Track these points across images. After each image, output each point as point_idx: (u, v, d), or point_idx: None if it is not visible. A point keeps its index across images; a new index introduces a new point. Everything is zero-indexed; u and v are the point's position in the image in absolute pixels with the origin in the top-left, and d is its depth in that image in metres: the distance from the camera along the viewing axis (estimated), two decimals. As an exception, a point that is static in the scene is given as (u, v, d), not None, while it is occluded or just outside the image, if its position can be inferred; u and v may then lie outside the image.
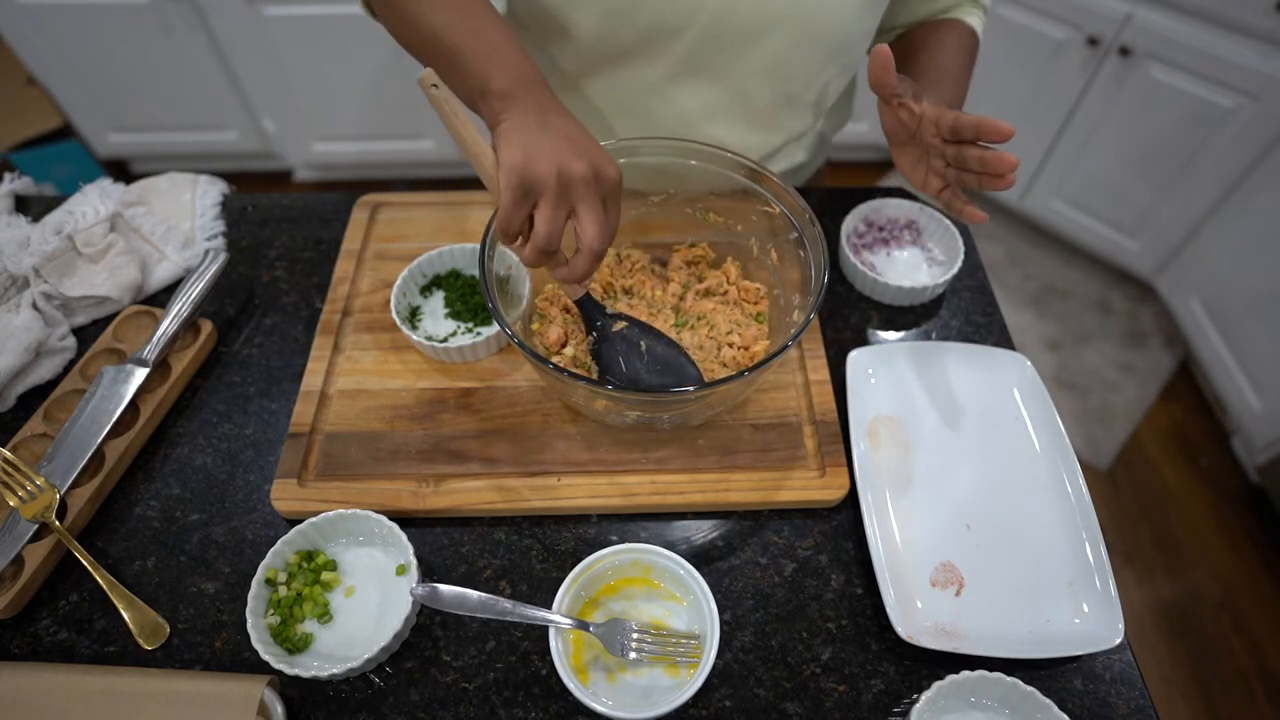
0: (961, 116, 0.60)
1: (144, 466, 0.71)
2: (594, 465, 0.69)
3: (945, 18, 0.83)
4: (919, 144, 0.66)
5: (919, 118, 0.64)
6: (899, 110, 0.65)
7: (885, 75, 0.62)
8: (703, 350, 0.71)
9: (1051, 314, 2.17)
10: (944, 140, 0.63)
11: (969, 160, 0.62)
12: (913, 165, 0.68)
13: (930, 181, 0.67)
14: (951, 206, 0.66)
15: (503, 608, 0.56)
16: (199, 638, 0.61)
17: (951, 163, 0.64)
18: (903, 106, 0.65)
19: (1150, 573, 1.71)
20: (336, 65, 2.04)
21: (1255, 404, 1.76)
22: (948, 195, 0.66)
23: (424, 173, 2.44)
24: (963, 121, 0.60)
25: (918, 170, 0.68)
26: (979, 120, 0.59)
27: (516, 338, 0.59)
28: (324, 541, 0.63)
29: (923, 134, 0.65)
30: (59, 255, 0.78)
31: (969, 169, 0.62)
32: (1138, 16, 1.73)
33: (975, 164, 0.61)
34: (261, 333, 0.81)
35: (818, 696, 0.58)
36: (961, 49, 0.79)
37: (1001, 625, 0.61)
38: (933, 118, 0.63)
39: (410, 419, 0.72)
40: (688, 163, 0.73)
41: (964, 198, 0.65)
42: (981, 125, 0.59)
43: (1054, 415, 0.71)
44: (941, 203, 0.67)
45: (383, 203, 0.90)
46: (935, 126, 0.63)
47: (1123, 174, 1.97)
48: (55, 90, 2.13)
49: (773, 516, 0.68)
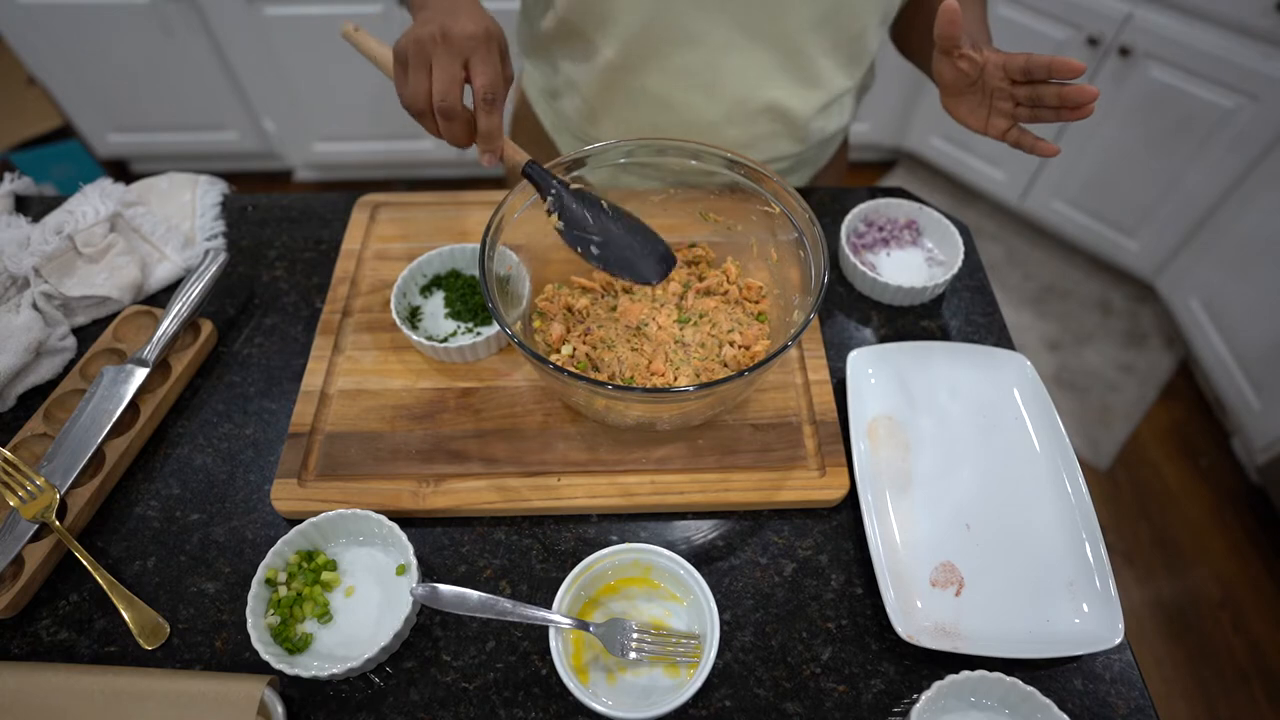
0: (1033, 57, 0.63)
1: (144, 466, 0.71)
2: (594, 465, 0.69)
3: None
4: (979, 91, 0.69)
5: (982, 64, 0.67)
6: (959, 61, 0.68)
7: (953, 29, 0.65)
8: (704, 349, 0.71)
9: (1051, 314, 2.17)
10: (1014, 82, 0.66)
11: (1046, 97, 0.65)
12: (971, 111, 0.71)
13: (994, 123, 0.70)
14: (1022, 143, 0.69)
15: (503, 608, 0.56)
16: (199, 638, 0.61)
17: (1024, 102, 0.67)
18: (963, 57, 0.68)
19: (1150, 573, 1.71)
20: (336, 65, 2.04)
21: (1255, 404, 1.76)
22: (1015, 134, 0.69)
23: (424, 173, 2.44)
24: (1035, 62, 0.63)
25: (977, 115, 0.71)
26: (1050, 60, 0.62)
27: (516, 338, 0.59)
28: (324, 541, 0.63)
29: (987, 80, 0.68)
30: (59, 255, 0.78)
31: (1046, 105, 0.65)
32: (1138, 16, 1.73)
33: (1053, 99, 0.64)
34: (261, 333, 0.81)
35: (818, 696, 0.58)
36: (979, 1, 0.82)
37: (1001, 625, 0.61)
38: (998, 62, 0.66)
39: (410, 419, 0.72)
40: (688, 162, 0.73)
41: (1033, 135, 0.69)
42: (1054, 64, 0.62)
43: (1054, 415, 0.71)
44: (1009, 141, 0.70)
45: (383, 203, 0.90)
46: (1003, 70, 0.66)
47: (1123, 174, 1.97)
48: (55, 90, 2.13)
49: (773, 516, 0.68)
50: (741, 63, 0.80)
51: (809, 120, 0.87)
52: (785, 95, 0.84)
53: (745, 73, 0.81)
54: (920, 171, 2.52)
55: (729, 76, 0.81)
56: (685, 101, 0.84)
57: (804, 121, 0.87)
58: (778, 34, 0.78)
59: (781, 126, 0.87)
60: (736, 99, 0.83)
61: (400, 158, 2.33)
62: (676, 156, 0.73)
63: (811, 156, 0.98)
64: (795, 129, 0.88)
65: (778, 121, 0.86)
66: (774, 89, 0.83)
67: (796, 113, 0.85)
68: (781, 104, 0.84)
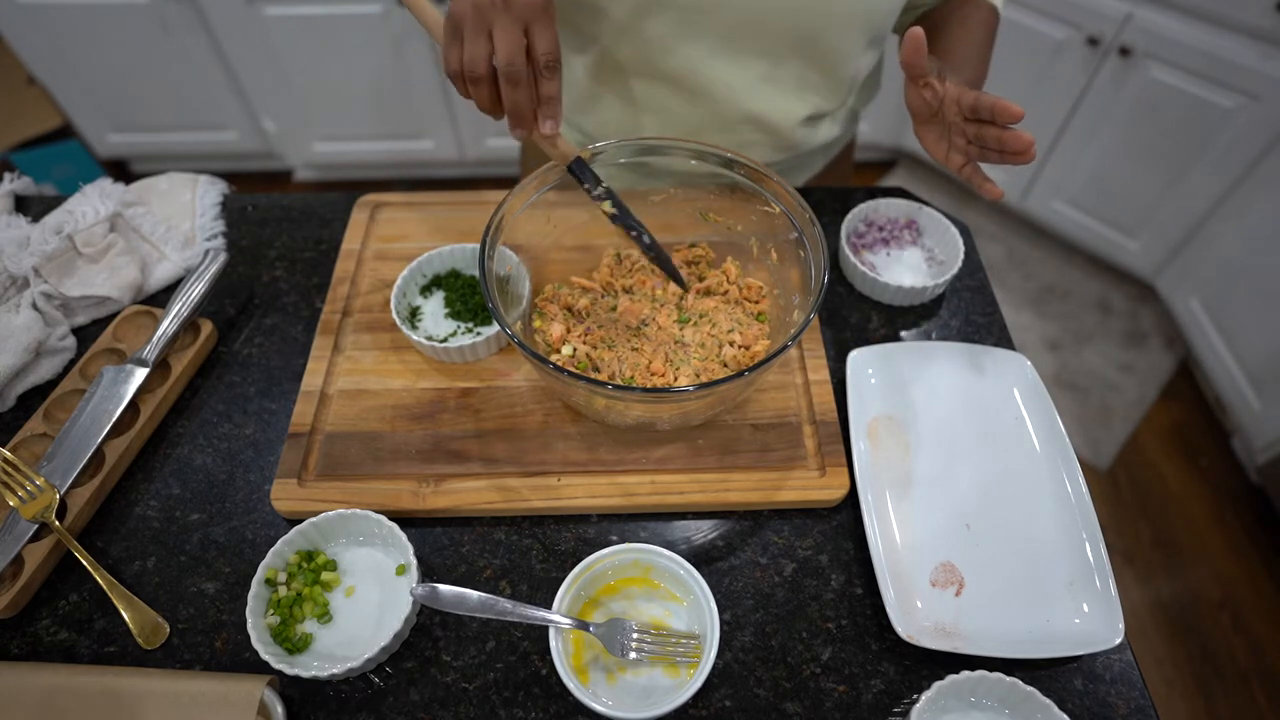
0: (981, 97, 0.64)
1: (144, 466, 0.71)
2: (594, 465, 0.69)
3: None
4: (941, 121, 0.70)
5: (942, 97, 0.68)
6: (924, 90, 0.68)
7: (917, 57, 0.65)
8: (704, 349, 0.71)
9: (1051, 314, 2.17)
10: (964, 119, 0.67)
11: (988, 138, 0.65)
12: (935, 141, 0.72)
13: (952, 157, 0.71)
14: (972, 181, 0.70)
15: (503, 608, 0.56)
16: (199, 638, 0.61)
17: (973, 140, 0.67)
18: (927, 86, 0.68)
19: (1150, 573, 1.71)
20: (336, 65, 2.04)
21: (1255, 404, 1.76)
22: (968, 171, 0.70)
23: (424, 173, 2.45)
24: (981, 102, 0.64)
25: (940, 146, 0.71)
26: (994, 101, 0.63)
27: (516, 338, 0.59)
28: (324, 541, 0.63)
29: (945, 112, 0.68)
30: (59, 255, 0.78)
31: (988, 146, 0.66)
32: (1138, 16, 1.73)
33: (993, 142, 0.65)
34: (261, 333, 0.81)
35: (818, 696, 0.58)
36: (984, 28, 0.82)
37: (1001, 625, 0.61)
38: (954, 96, 0.67)
39: (410, 419, 0.72)
40: (688, 162, 0.73)
41: (983, 174, 0.69)
42: (995, 106, 0.63)
43: (1054, 415, 0.71)
44: (962, 178, 0.70)
45: (383, 203, 0.90)
46: (957, 105, 0.66)
47: (1123, 174, 1.97)
48: (55, 90, 2.13)
49: (773, 516, 0.68)
50: (724, 74, 0.80)
51: (792, 131, 0.87)
52: (767, 108, 0.84)
53: (728, 84, 0.81)
54: (920, 171, 2.52)
55: (711, 86, 0.81)
56: (666, 105, 0.84)
57: (787, 132, 0.87)
58: (759, 50, 0.78)
59: (764, 136, 0.87)
60: (718, 107, 0.83)
61: (400, 158, 2.33)
62: (677, 156, 0.73)
63: (801, 163, 0.98)
64: (778, 138, 0.88)
65: (760, 131, 0.86)
66: (755, 101, 0.83)
67: (778, 124, 0.85)
68: (764, 115, 0.84)
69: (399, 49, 2.01)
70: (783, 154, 0.91)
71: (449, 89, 2.11)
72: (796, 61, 0.80)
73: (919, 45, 0.64)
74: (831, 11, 0.75)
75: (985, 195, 0.69)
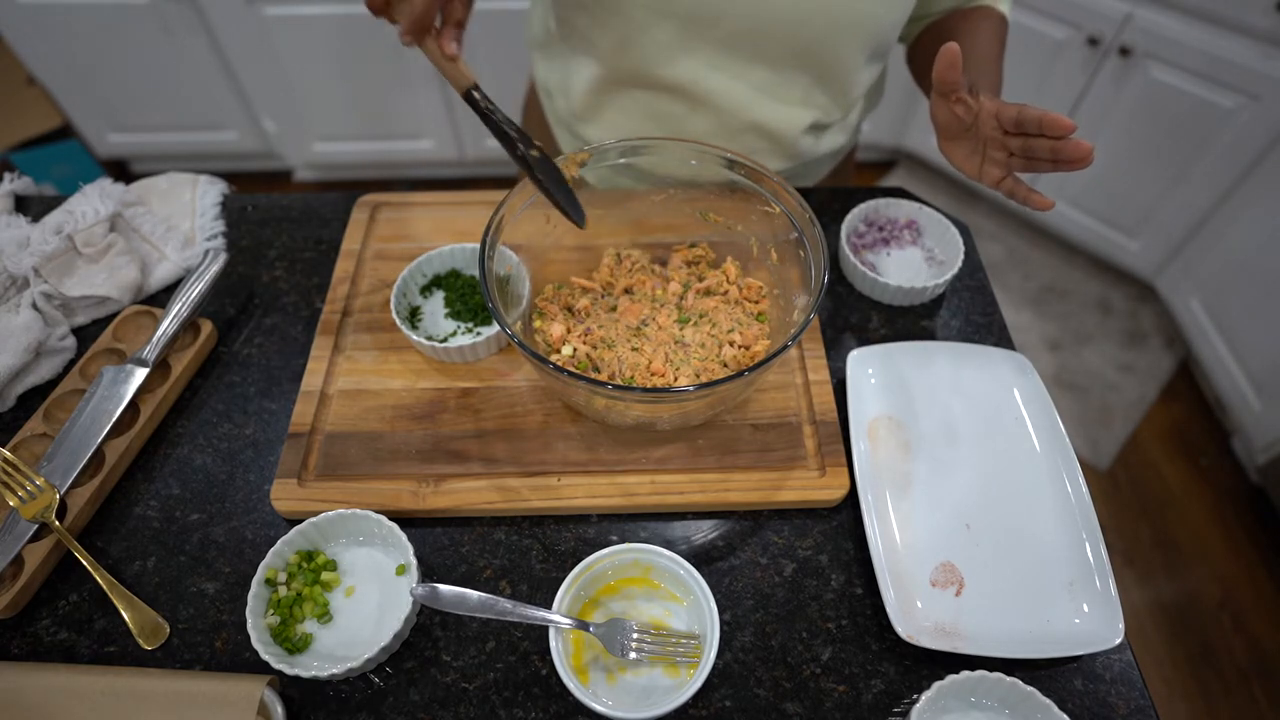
0: (1025, 110, 0.61)
1: (144, 466, 0.71)
2: (594, 465, 0.68)
3: (976, 4, 0.84)
4: (974, 137, 0.67)
5: (975, 113, 0.65)
6: (955, 105, 0.66)
7: (952, 73, 0.63)
8: (704, 349, 0.71)
9: (1051, 314, 2.17)
10: (1005, 133, 0.64)
11: (1039, 150, 0.62)
12: (966, 157, 0.69)
13: (989, 171, 0.68)
14: (1015, 194, 0.67)
15: (503, 608, 0.56)
16: (199, 638, 0.61)
17: (1018, 154, 0.65)
18: (960, 102, 0.66)
19: (1150, 573, 1.71)
20: (336, 65, 2.04)
21: (1255, 404, 1.76)
22: (1009, 184, 0.67)
23: (424, 173, 2.45)
24: (1026, 115, 0.61)
25: (972, 161, 0.69)
26: (1040, 114, 0.60)
27: (516, 338, 0.59)
28: (324, 541, 0.63)
29: (981, 127, 0.66)
30: (59, 255, 0.78)
31: (1040, 158, 0.63)
32: (1138, 16, 1.73)
33: (1047, 153, 0.62)
34: (261, 333, 0.81)
35: (818, 696, 0.58)
36: (995, 36, 0.80)
37: (1001, 625, 0.61)
38: (992, 111, 0.64)
39: (410, 419, 0.72)
40: (688, 162, 0.73)
41: (1026, 186, 0.66)
42: (1044, 120, 0.60)
43: (1054, 415, 0.71)
44: (1003, 191, 0.67)
45: (383, 203, 0.90)
46: (996, 120, 0.64)
47: (1123, 174, 1.97)
48: (55, 90, 2.13)
49: (773, 516, 0.68)
50: (726, 84, 0.80)
51: (796, 140, 0.87)
52: (770, 117, 0.83)
53: (730, 94, 0.81)
54: (920, 171, 2.52)
55: (713, 95, 0.81)
56: (669, 114, 0.84)
57: (791, 141, 0.86)
58: (761, 60, 0.78)
59: (768, 144, 0.87)
60: (721, 117, 0.83)
61: (400, 158, 2.33)
62: (677, 156, 0.73)
63: (807, 171, 0.98)
64: (783, 147, 0.88)
65: (764, 139, 0.86)
66: (758, 110, 0.83)
67: (782, 133, 0.85)
68: (767, 125, 0.84)
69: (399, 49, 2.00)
70: (788, 162, 0.91)
71: (449, 89, 2.11)
72: (799, 72, 0.80)
73: (954, 61, 0.62)
74: (834, 23, 0.74)
75: (1034, 207, 0.65)
